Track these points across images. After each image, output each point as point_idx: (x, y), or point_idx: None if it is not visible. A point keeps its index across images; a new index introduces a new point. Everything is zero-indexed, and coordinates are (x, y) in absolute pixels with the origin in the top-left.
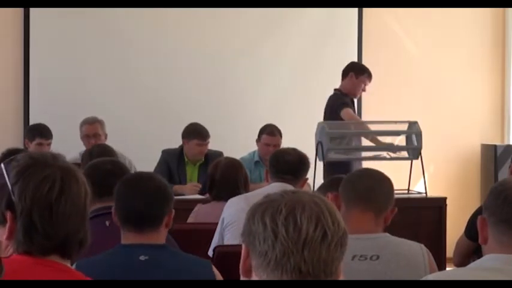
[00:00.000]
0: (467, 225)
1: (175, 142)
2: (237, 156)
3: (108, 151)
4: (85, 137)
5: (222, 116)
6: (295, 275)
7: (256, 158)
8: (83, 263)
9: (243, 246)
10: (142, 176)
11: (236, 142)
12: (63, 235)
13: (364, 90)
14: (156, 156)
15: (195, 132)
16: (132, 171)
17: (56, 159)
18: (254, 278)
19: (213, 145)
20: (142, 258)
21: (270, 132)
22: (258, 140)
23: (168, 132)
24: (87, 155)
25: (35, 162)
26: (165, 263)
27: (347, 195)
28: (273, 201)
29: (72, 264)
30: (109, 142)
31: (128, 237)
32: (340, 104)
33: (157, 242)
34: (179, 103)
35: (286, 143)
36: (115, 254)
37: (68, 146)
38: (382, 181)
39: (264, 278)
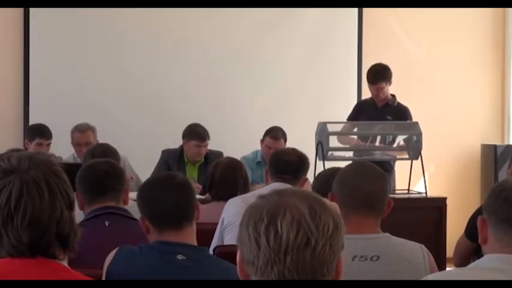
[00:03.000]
0: (467, 225)
1: (175, 143)
2: (237, 156)
3: (110, 151)
4: (77, 145)
5: (221, 116)
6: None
7: (259, 159)
8: (125, 250)
9: (238, 252)
10: (165, 177)
11: (236, 142)
12: (30, 240)
13: (375, 95)
14: (156, 157)
15: (194, 133)
16: (126, 168)
17: (29, 165)
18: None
19: (212, 145)
20: (180, 257)
21: (273, 135)
22: (262, 141)
23: (168, 133)
24: (90, 155)
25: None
26: (200, 266)
27: (345, 201)
28: (257, 207)
29: (69, 264)
30: (108, 142)
31: (164, 236)
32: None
33: (194, 243)
34: (179, 103)
35: (286, 143)
36: (154, 249)
37: (68, 146)
38: (378, 182)
39: None
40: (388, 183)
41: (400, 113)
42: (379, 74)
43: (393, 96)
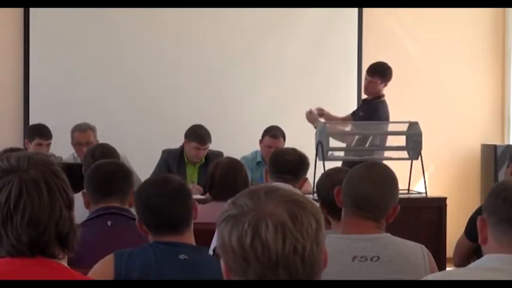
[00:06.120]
0: (467, 225)
1: (175, 143)
2: (237, 156)
3: (110, 151)
4: (77, 145)
5: (222, 116)
6: None
7: (259, 159)
8: (121, 254)
9: (222, 262)
10: (160, 183)
11: (236, 142)
12: (30, 239)
13: (364, 85)
14: (156, 157)
15: (196, 135)
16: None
17: (28, 165)
18: None
19: (212, 145)
20: (182, 257)
21: (272, 135)
22: (261, 141)
23: (168, 133)
24: (90, 155)
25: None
26: (202, 265)
27: (346, 200)
28: (237, 217)
29: (69, 264)
30: (108, 142)
31: (163, 239)
32: None
33: (193, 243)
34: (179, 103)
35: (286, 142)
36: (155, 248)
37: (68, 146)
38: (380, 185)
39: None
40: (396, 188)
41: (370, 112)
42: (376, 68)
43: (380, 96)
